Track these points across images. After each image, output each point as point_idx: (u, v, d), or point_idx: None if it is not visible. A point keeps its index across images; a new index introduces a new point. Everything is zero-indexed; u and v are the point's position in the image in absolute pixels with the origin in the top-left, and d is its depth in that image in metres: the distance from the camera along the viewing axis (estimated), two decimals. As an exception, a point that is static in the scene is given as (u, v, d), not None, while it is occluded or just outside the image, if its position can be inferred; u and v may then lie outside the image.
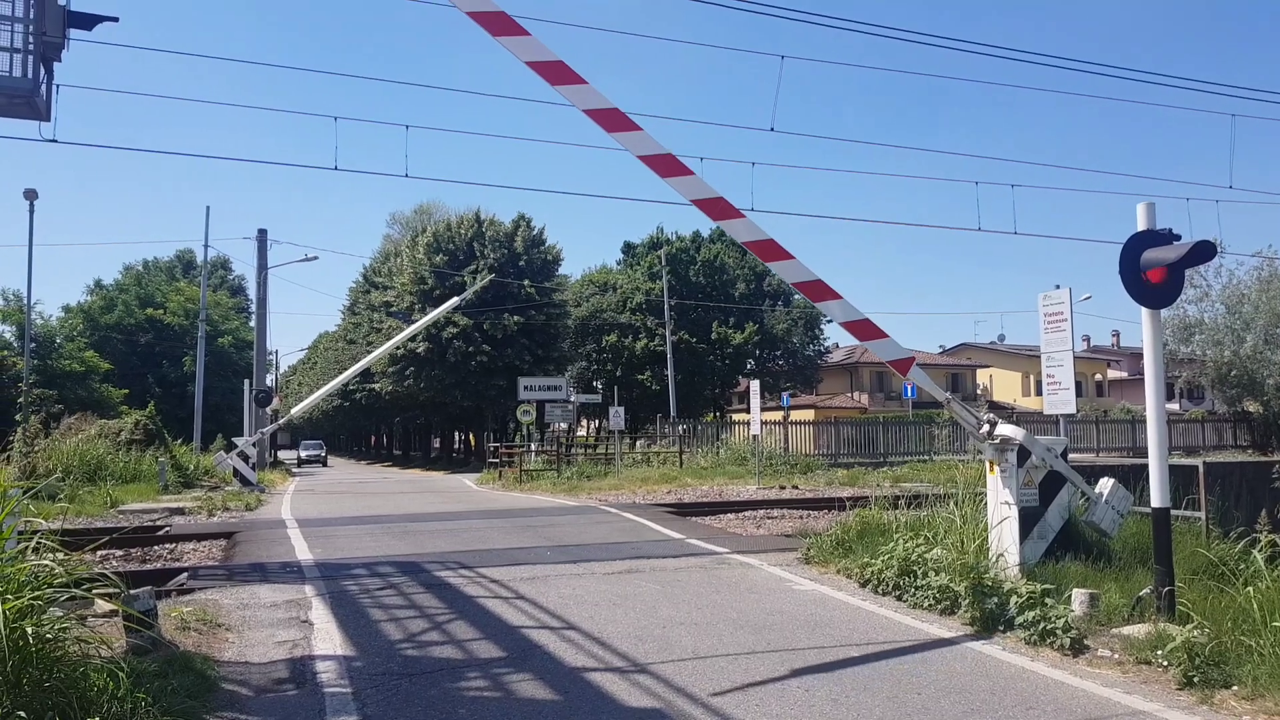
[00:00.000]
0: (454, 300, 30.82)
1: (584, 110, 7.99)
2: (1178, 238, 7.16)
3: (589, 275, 60.20)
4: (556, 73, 7.97)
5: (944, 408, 9.04)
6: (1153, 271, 7.07)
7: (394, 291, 48.88)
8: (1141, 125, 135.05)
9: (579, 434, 54.27)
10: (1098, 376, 70.18)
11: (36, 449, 21.18)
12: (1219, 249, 7.19)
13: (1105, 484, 8.59)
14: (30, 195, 28.70)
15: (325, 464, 61.15)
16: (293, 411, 34.14)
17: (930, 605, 7.90)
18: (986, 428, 8.64)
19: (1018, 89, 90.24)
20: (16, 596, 4.37)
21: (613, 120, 8.09)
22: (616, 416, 29.99)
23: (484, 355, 43.74)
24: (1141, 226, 7.25)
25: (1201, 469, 9.11)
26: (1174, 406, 52.77)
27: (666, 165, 8.27)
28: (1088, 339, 74.68)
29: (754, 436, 26.27)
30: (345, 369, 60.17)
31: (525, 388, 31.37)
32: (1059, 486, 8.62)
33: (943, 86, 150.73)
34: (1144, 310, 7.32)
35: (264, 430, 31.78)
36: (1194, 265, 7.62)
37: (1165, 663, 5.88)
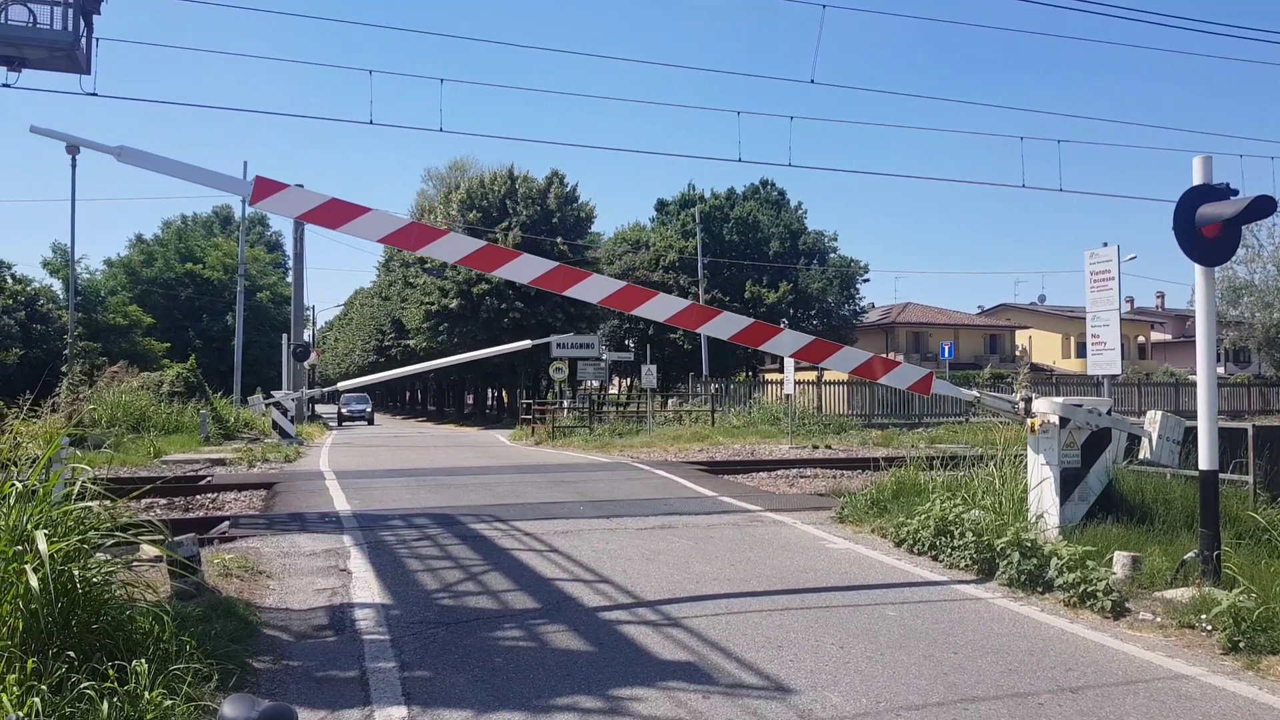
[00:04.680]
0: (526, 343, 30.44)
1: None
2: (1235, 193, 6.93)
3: (621, 233, 59.94)
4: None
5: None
6: (1208, 227, 6.85)
7: (428, 248, 48.90)
8: (1195, 79, 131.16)
9: (611, 392, 54.38)
10: (1140, 339, 69.01)
11: (82, 399, 21.60)
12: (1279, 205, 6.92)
13: (1153, 417, 8.37)
14: (73, 150, 28.98)
15: (371, 422, 52.82)
16: (339, 386, 34.83)
17: (967, 565, 7.84)
18: (1023, 406, 8.52)
19: (1065, 39, 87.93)
20: (64, 540, 4.43)
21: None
22: (648, 375, 29.97)
23: (516, 312, 43.81)
24: (1197, 180, 7.03)
25: (1251, 432, 8.91)
26: (1219, 370, 51.82)
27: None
28: (1131, 300, 73.26)
29: (787, 396, 26.15)
30: (380, 326, 60.78)
31: (558, 345, 31.41)
32: (1101, 448, 8.47)
33: (989, 37, 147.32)
34: (1197, 267, 7.11)
35: (306, 392, 32.30)
36: (1252, 220, 7.39)
37: (1209, 627, 5.79)
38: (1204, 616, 5.87)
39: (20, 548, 4.28)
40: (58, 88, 37.15)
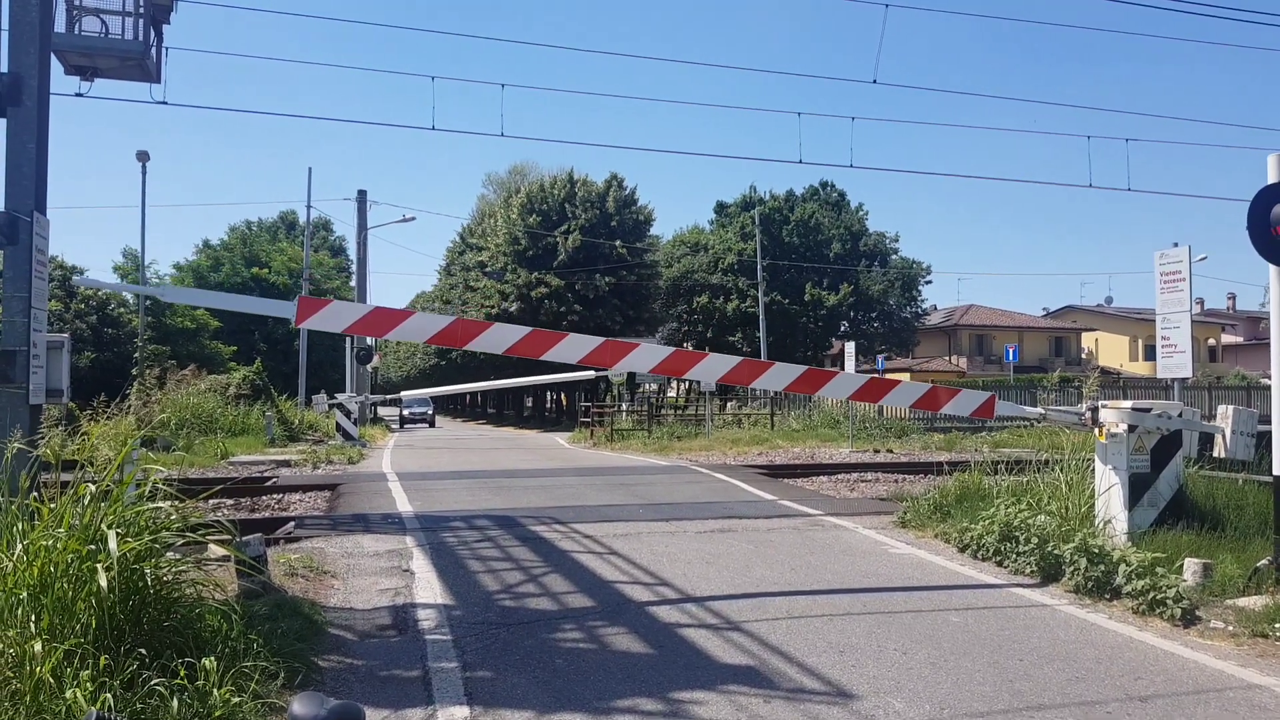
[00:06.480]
0: (589, 373, 30.40)
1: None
2: (1313, 190, 6.69)
3: (680, 235, 59.83)
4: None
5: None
6: (1284, 226, 6.63)
7: (488, 252, 49.50)
8: (1271, 74, 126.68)
9: (669, 395, 54.35)
10: (1211, 341, 66.96)
11: (153, 402, 22.26)
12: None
13: (1225, 412, 8.17)
14: (142, 157, 29.98)
15: (432, 424, 53.35)
16: (403, 395, 35.61)
17: (1032, 571, 7.68)
18: (1089, 416, 8.33)
19: (1134, 35, 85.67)
20: (137, 539, 4.57)
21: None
22: (707, 377, 29.89)
23: (575, 315, 44.05)
24: (1272, 179, 6.81)
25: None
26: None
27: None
28: (1201, 302, 71.19)
29: (847, 399, 25.86)
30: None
31: (616, 349, 31.37)
32: (1172, 452, 8.24)
33: (1054, 35, 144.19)
34: (1272, 268, 6.89)
35: (367, 397, 32.95)
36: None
37: (1286, 637, 5.59)
38: (1278, 625, 5.68)
39: (93, 547, 4.40)
40: (129, 96, 38.43)
